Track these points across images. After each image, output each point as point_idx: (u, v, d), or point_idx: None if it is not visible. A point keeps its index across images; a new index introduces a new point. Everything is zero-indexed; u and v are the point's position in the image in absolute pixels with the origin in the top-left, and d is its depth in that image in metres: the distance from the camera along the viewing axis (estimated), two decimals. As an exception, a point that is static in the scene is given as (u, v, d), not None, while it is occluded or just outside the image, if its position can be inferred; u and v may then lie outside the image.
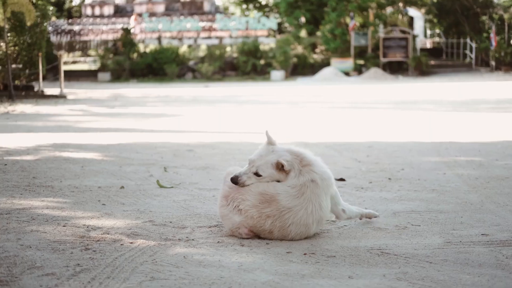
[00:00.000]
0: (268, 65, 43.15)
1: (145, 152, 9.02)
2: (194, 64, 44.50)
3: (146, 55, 44.82)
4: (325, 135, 11.45)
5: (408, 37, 43.49)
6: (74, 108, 19.62)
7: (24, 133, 11.82)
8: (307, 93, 26.44)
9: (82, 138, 10.79)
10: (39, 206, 5.46)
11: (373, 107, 18.36)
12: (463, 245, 4.34)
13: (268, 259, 4.02)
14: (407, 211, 5.39)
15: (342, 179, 6.89)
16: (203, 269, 3.77)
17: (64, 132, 12.08)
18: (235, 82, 39.24)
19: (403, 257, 4.08)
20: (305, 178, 4.46)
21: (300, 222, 4.41)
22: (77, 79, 44.69)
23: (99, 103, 22.05)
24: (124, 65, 43.82)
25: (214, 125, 13.57)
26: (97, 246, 4.22)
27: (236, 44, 45.31)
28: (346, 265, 3.91)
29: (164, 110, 18.30)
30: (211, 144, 10.06)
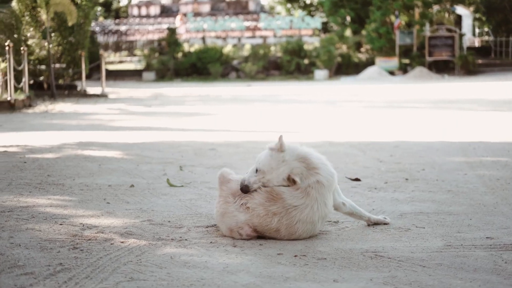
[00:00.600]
0: (312, 65, 42.97)
1: (167, 151, 8.99)
2: (238, 64, 44.54)
3: (191, 55, 45.02)
4: (353, 134, 11.28)
5: (455, 35, 42.82)
6: (112, 107, 19.78)
7: (55, 131, 11.92)
8: (347, 93, 26.21)
9: (109, 137, 10.83)
10: (43, 204, 5.45)
11: (410, 107, 18.07)
12: (463, 249, 4.17)
13: (256, 260, 3.92)
14: (415, 213, 5.23)
15: (357, 179, 6.74)
16: (186, 270, 3.69)
17: (95, 130, 12.15)
18: (278, 81, 39.17)
19: (396, 260, 3.94)
20: (310, 181, 4.39)
21: (306, 220, 4.33)
22: (122, 79, 45.13)
23: (138, 102, 22.19)
24: (168, 64, 44.11)
25: (245, 124, 13.49)
26: (86, 245, 4.17)
27: (280, 43, 45.18)
28: (334, 268, 3.79)
29: (200, 109, 18.32)
30: (236, 143, 9.99)
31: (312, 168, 4.42)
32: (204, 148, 9.33)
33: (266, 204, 4.33)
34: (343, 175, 7.06)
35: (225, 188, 4.51)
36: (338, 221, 4.98)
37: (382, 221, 4.88)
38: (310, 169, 4.41)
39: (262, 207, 4.33)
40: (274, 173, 4.37)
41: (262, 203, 4.33)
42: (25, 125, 13.41)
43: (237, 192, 4.45)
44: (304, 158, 4.44)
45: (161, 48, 47.61)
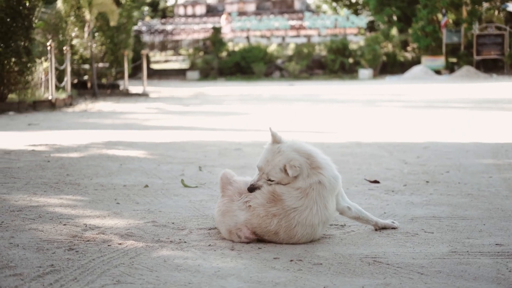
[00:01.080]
0: (356, 64, 42.69)
1: (192, 151, 8.96)
2: (281, 63, 44.47)
3: (235, 54, 45.12)
4: (384, 134, 11.10)
5: (505, 33, 42.04)
6: (150, 106, 19.89)
7: (87, 130, 12.01)
8: (390, 92, 25.92)
9: (139, 136, 10.86)
10: (54, 204, 5.45)
11: (451, 107, 17.76)
12: (468, 256, 4.02)
13: (250, 265, 3.83)
14: (427, 217, 5.08)
15: (376, 181, 6.61)
16: (176, 274, 3.63)
17: (127, 129, 12.20)
18: (322, 80, 38.98)
19: (394, 267, 3.81)
20: (312, 180, 4.24)
21: (305, 223, 4.20)
22: (167, 78, 45.48)
23: (177, 101, 22.28)
24: (212, 63, 44.29)
25: (278, 124, 13.40)
26: (83, 246, 4.14)
27: (324, 42, 44.96)
28: (328, 274, 3.68)
29: (237, 108, 18.29)
30: (263, 143, 9.87)
31: (316, 167, 4.29)
32: (229, 148, 9.28)
33: (267, 205, 4.23)
34: (363, 176, 6.94)
35: (231, 187, 4.43)
36: (345, 225, 4.87)
37: (390, 225, 4.75)
38: (314, 167, 4.28)
39: (263, 207, 4.23)
40: (270, 165, 4.25)
41: (263, 203, 4.24)
42: (60, 124, 13.55)
43: (243, 191, 4.36)
44: (307, 155, 4.30)
45: (206, 47, 47.81)
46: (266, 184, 4.30)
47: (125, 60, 27.68)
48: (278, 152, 4.28)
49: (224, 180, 4.49)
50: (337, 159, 8.01)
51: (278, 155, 4.26)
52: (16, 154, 8.47)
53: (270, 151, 4.31)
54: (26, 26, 17.86)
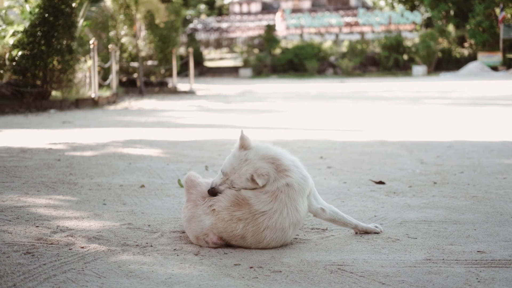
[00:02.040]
0: (411, 60, 42.00)
1: (209, 149, 8.83)
2: (335, 60, 44.06)
3: (288, 51, 44.91)
4: (411, 133, 10.77)
5: None
6: (192, 104, 19.87)
7: (116, 128, 12.00)
8: (438, 89, 25.34)
9: (163, 134, 10.79)
10: (39, 205, 5.38)
11: (496, 104, 17.21)
12: (442, 264, 3.77)
13: (207, 271, 3.66)
14: (418, 221, 4.82)
15: (381, 182, 6.35)
16: (124, 281, 3.48)
17: (155, 127, 12.15)
18: (374, 77, 38.45)
19: (357, 275, 3.59)
20: (280, 183, 4.05)
21: (275, 226, 4.01)
22: (220, 75, 45.58)
23: (221, 99, 22.21)
24: (265, 61, 44.16)
25: (311, 121, 13.19)
26: (43, 250, 4.03)
27: (378, 39, 44.34)
28: (283, 282, 3.48)
29: (278, 106, 18.11)
30: (286, 142, 9.71)
31: (282, 170, 4.10)
32: (247, 147, 9.11)
33: (231, 209, 4.05)
34: (371, 177, 6.69)
35: (195, 191, 4.26)
36: (327, 229, 4.65)
37: (372, 230, 4.51)
38: (280, 171, 4.09)
39: (227, 211, 4.05)
40: (237, 174, 4.07)
41: (227, 207, 4.05)
42: (94, 122, 13.60)
43: (206, 195, 4.19)
44: (273, 159, 4.11)
45: (259, 44, 47.72)
46: (227, 189, 4.13)
47: (173, 58, 27.77)
48: (245, 160, 4.09)
49: (188, 184, 4.32)
50: (353, 158, 7.79)
51: (245, 164, 4.08)
52: (31, 153, 8.47)
53: (237, 158, 4.13)
54: (69, 25, 18.01)
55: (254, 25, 54.08)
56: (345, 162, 7.73)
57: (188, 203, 4.26)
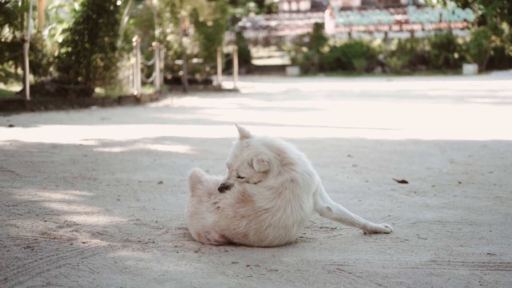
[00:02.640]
0: (461, 59, 41.25)
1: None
2: (383, 58, 43.56)
3: (336, 49, 44.55)
4: (447, 131, 10.54)
5: None
6: (234, 102, 19.85)
7: (151, 124, 12.04)
8: (485, 88, 24.84)
9: (195, 131, 10.77)
10: (53, 199, 5.38)
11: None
12: (446, 266, 3.63)
13: (202, 269, 3.59)
14: (432, 221, 4.68)
15: (403, 181, 6.20)
16: (116, 277, 3.43)
17: (191, 124, 12.14)
18: (423, 76, 37.90)
19: (355, 276, 3.48)
20: (284, 178, 3.96)
21: (278, 224, 3.92)
22: (268, 73, 45.48)
23: (264, 97, 22.14)
24: (313, 59, 43.90)
25: (349, 120, 13.02)
26: (44, 244, 4.01)
27: (428, 37, 43.65)
28: (277, 282, 3.39)
29: (319, 104, 17.96)
30: (317, 140, 9.60)
31: (287, 163, 3.99)
32: (277, 145, 9.03)
33: (236, 206, 3.97)
34: (395, 176, 6.54)
35: (201, 187, 4.19)
36: (336, 228, 4.54)
37: (382, 229, 4.38)
38: (285, 164, 3.99)
39: (231, 208, 3.98)
40: (239, 160, 3.98)
41: (232, 204, 3.98)
42: (132, 119, 13.66)
43: (213, 191, 4.12)
44: (278, 150, 4.02)
45: (307, 43, 47.50)
46: (237, 183, 4.04)
47: (218, 55, 27.81)
48: (247, 146, 4.01)
49: (193, 179, 4.25)
50: (381, 156, 7.64)
51: (246, 149, 4.00)
52: (61, 148, 8.53)
53: (238, 146, 4.06)
54: (112, 23, 18.17)
55: (303, 23, 53.83)
56: (372, 160, 7.58)
57: (192, 199, 4.20)
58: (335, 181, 6.31)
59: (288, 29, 54.91)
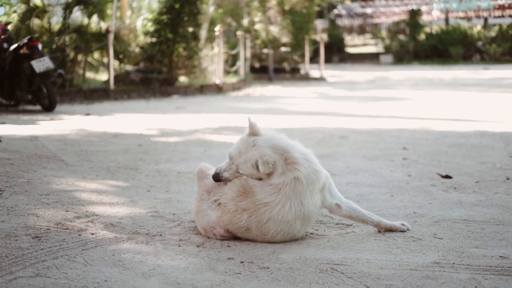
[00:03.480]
0: None
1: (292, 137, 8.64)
2: (482, 45, 42.16)
3: (432, 37, 43.46)
4: None
5: None
6: (314, 91, 19.71)
7: (221, 113, 12.09)
8: None
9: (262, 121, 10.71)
10: (86, 189, 5.48)
11: None
12: (448, 268, 3.46)
13: (195, 264, 3.56)
14: (457, 220, 4.48)
15: (447, 176, 5.96)
16: (106, 269, 3.44)
17: (262, 113, 12.11)
18: (523, 64, 36.47)
19: (346, 276, 3.37)
20: (287, 178, 3.87)
21: (278, 218, 3.84)
22: (361, 62, 44.93)
23: (347, 86, 21.87)
24: (408, 47, 43.00)
25: (424, 110, 12.68)
26: (53, 235, 4.07)
27: (532, 22, 41.93)
28: (262, 280, 3.32)
29: (401, 93, 17.59)
30: (381, 130, 9.40)
31: (291, 163, 3.91)
32: (336, 135, 8.90)
33: (237, 199, 3.92)
34: (444, 170, 6.31)
35: (202, 184, 4.17)
36: (351, 225, 4.41)
37: (397, 228, 4.22)
38: (289, 163, 3.91)
39: (233, 202, 3.92)
40: (243, 158, 3.92)
41: (233, 197, 3.93)
42: (206, 108, 13.77)
43: (212, 189, 4.09)
44: (283, 150, 3.93)
45: (402, 30, 46.58)
46: (233, 176, 3.98)
47: (306, 44, 27.66)
48: (253, 146, 3.94)
49: (200, 175, 4.23)
50: (438, 149, 7.42)
51: (252, 149, 3.93)
52: (121, 137, 8.69)
53: (245, 143, 3.99)
54: (194, 12, 18.36)
55: (399, 10, 52.77)
56: (427, 153, 7.34)
57: (196, 195, 4.18)
58: (375, 175, 6.15)
59: (384, 16, 53.99)
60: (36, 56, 12.69)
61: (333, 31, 46.85)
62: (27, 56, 12.70)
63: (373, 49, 49.17)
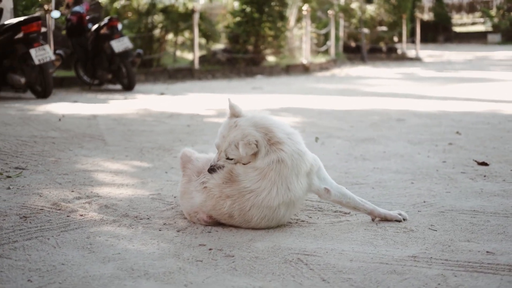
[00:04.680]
0: None
1: (347, 120, 8.47)
2: None
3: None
4: None
5: None
6: (402, 72, 19.22)
7: (293, 94, 11.97)
8: None
9: (327, 103, 10.55)
10: (107, 170, 5.51)
11: None
12: (422, 263, 3.24)
13: (163, 249, 3.48)
14: (466, 211, 4.20)
15: (484, 163, 5.62)
16: (70, 253, 3.40)
17: (333, 95, 11.91)
18: None
19: (308, 268, 3.20)
20: (271, 159, 3.71)
21: (262, 204, 3.70)
22: (468, 42, 43.40)
23: (441, 66, 21.16)
24: (519, 25, 41.19)
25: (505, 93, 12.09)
26: (42, 215, 4.09)
27: None
28: (219, 269, 3.20)
29: (494, 75, 16.85)
30: (446, 113, 9.02)
31: (274, 143, 3.74)
32: (393, 118, 8.61)
33: (222, 186, 3.80)
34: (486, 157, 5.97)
35: (191, 166, 4.06)
36: (349, 213, 4.21)
37: (393, 217, 3.99)
38: (273, 144, 3.74)
39: (218, 188, 3.81)
40: (227, 142, 3.78)
41: (219, 184, 3.82)
42: (282, 88, 13.61)
43: (202, 170, 3.98)
44: (266, 129, 3.76)
45: (511, 7, 44.63)
46: (227, 163, 3.86)
47: (403, 23, 26.95)
48: (235, 126, 3.81)
49: (184, 159, 4.13)
50: (494, 135, 7.15)
51: (234, 130, 3.80)
52: (176, 118, 8.73)
53: (226, 126, 3.86)
54: (281, -8, 18.24)
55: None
56: (478, 139, 6.97)
57: (183, 178, 4.09)
58: (408, 161, 5.88)
59: (496, -7, 51.88)
60: (116, 36, 12.94)
61: (439, 9, 45.43)
62: (107, 36, 12.97)
63: (482, 28, 47.39)
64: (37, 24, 11.28)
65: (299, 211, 4.24)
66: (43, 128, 7.67)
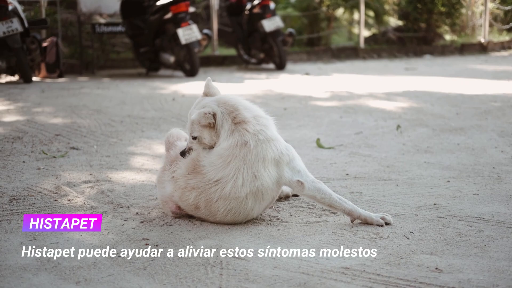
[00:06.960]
0: None
1: (462, 106, 7.80)
2: None
3: None
4: None
5: None
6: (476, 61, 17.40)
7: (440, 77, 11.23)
8: None
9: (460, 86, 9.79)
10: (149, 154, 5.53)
11: None
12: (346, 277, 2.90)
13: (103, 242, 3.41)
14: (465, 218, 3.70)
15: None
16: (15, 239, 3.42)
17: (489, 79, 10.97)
18: None
19: (219, 272, 2.99)
20: (235, 140, 3.48)
21: (229, 196, 3.48)
22: None
23: None
24: None
25: None
26: (33, 198, 4.15)
27: None
28: (130, 267, 3.06)
29: None
30: None
31: (240, 121, 3.51)
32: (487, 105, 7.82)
33: (188, 176, 3.61)
34: None
35: (168, 154, 3.91)
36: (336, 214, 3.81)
37: (373, 221, 3.57)
38: (238, 123, 3.51)
39: (183, 179, 3.64)
40: (189, 120, 3.59)
41: (184, 174, 3.64)
42: (436, 70, 12.80)
43: (175, 159, 3.81)
44: (231, 107, 3.55)
45: None
46: (195, 145, 3.64)
47: None
48: (199, 103, 3.62)
49: (167, 145, 3.97)
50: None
51: (197, 107, 3.61)
52: (283, 100, 8.54)
53: (195, 105, 3.67)
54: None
55: None
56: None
57: (162, 165, 3.95)
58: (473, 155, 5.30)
59: None
60: (267, 15, 12.95)
61: None
62: (259, 15, 13.01)
63: None
64: (185, 4, 11.59)
65: (288, 207, 3.95)
66: (148, 108, 7.83)
